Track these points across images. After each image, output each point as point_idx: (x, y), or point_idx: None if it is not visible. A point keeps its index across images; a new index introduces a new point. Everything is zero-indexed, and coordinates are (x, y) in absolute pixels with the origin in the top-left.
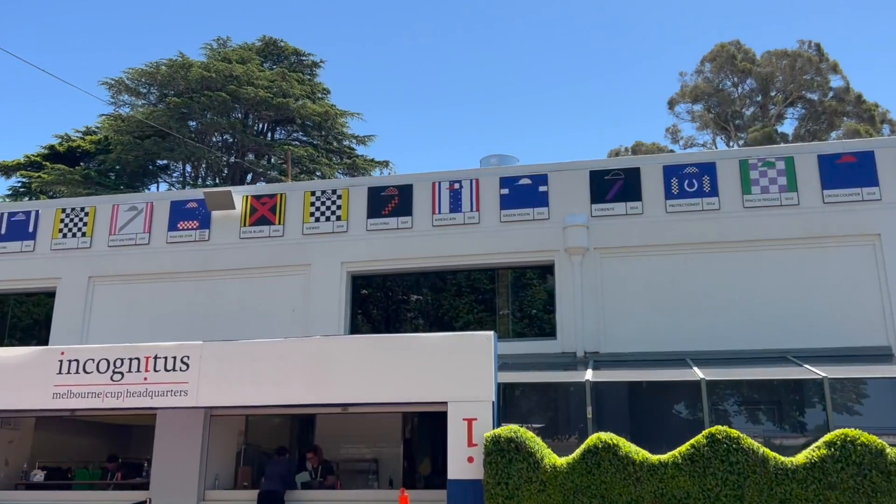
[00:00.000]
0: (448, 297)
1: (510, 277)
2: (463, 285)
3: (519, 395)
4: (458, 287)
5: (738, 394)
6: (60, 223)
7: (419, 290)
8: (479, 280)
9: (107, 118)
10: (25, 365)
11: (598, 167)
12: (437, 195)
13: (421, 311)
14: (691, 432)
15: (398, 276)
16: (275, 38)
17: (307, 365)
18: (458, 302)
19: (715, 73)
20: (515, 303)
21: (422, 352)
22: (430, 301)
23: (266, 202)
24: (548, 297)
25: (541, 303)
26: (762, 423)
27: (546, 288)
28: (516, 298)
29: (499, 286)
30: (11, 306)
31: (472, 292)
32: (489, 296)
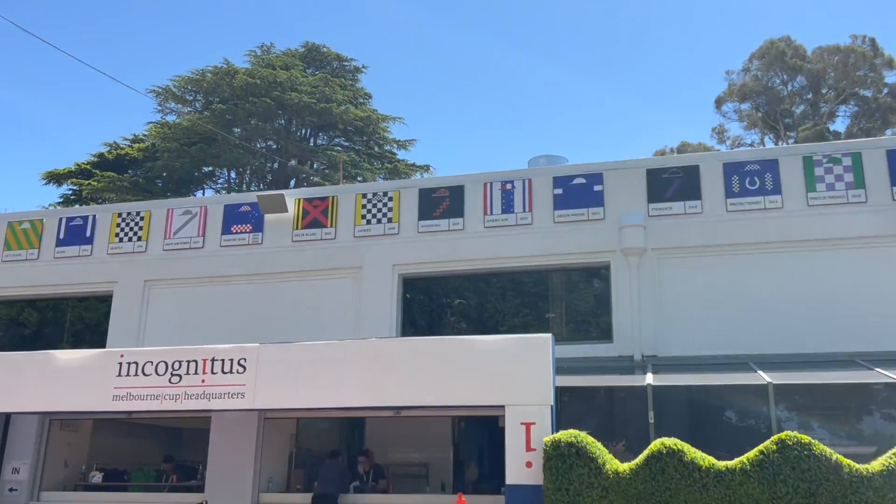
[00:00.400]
0: (494, 299)
1: (563, 279)
2: (508, 288)
3: (576, 400)
4: (504, 289)
5: (806, 398)
6: (117, 227)
7: (468, 293)
8: (524, 283)
9: (154, 126)
10: (85, 367)
11: (655, 165)
12: (488, 196)
13: (467, 313)
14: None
15: (449, 278)
16: (317, 43)
17: (363, 367)
18: (504, 305)
19: (763, 70)
20: (568, 305)
21: (478, 355)
22: (477, 304)
23: (318, 205)
24: (599, 299)
25: (591, 305)
26: (831, 428)
27: (600, 290)
28: (569, 301)
29: (552, 288)
30: (69, 310)
31: (519, 295)
32: (536, 298)
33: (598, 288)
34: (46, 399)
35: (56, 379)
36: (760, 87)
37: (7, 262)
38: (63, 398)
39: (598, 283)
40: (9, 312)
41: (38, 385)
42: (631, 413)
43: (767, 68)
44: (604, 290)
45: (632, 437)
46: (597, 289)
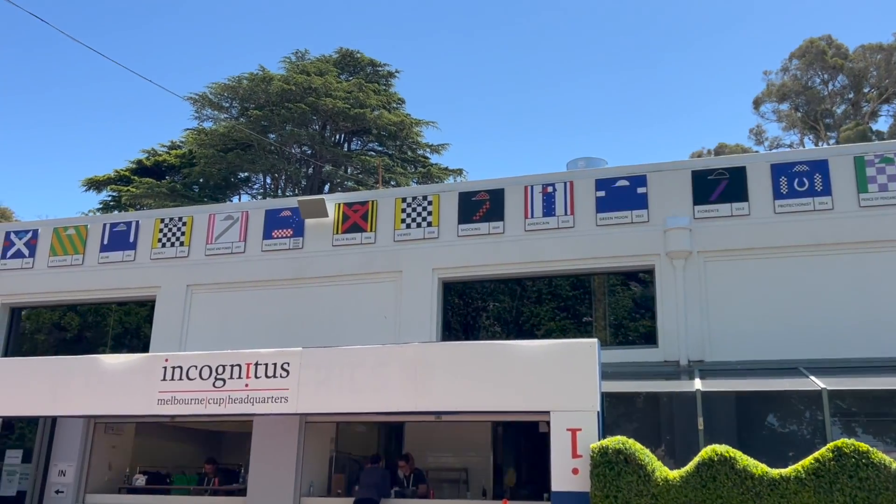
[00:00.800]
0: (533, 303)
1: (605, 283)
2: (548, 292)
3: (621, 405)
4: (544, 293)
5: (861, 405)
6: (159, 233)
7: (508, 297)
8: (565, 287)
9: (191, 132)
10: (131, 372)
11: (700, 167)
12: (529, 199)
13: (507, 317)
14: (806, 445)
15: (489, 282)
16: (351, 49)
17: (405, 372)
18: (544, 309)
19: (803, 70)
20: (612, 309)
21: (523, 360)
22: (517, 308)
23: (358, 209)
24: (643, 303)
25: (635, 309)
26: (888, 436)
27: (644, 294)
28: (613, 305)
29: (594, 292)
30: (110, 314)
31: (560, 299)
32: (577, 302)
33: (642, 292)
34: (92, 402)
35: (102, 383)
36: (800, 87)
37: (53, 268)
38: (109, 402)
39: (642, 287)
40: (51, 317)
41: (84, 389)
42: (678, 419)
43: (807, 68)
44: (648, 293)
45: (679, 443)
46: (641, 292)
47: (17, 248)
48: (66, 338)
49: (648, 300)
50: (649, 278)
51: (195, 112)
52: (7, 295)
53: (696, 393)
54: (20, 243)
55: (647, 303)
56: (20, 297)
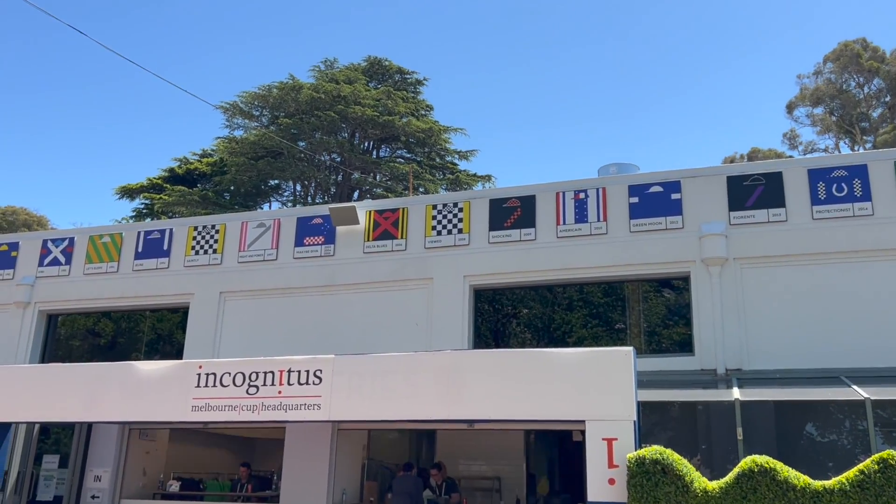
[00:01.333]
0: (566, 311)
1: (639, 290)
2: (580, 299)
3: (657, 414)
4: (577, 301)
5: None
6: (193, 240)
7: (539, 304)
8: (598, 294)
9: (222, 140)
10: (165, 378)
11: (735, 172)
12: (561, 205)
13: (539, 325)
14: (849, 456)
15: (521, 289)
16: (379, 57)
17: (438, 379)
18: (577, 316)
19: (838, 73)
20: (646, 317)
21: (557, 368)
22: (549, 315)
23: (389, 216)
24: (679, 310)
25: (670, 316)
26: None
27: (679, 301)
28: (647, 312)
29: (628, 299)
30: (143, 321)
31: (592, 306)
32: (610, 310)
33: (676, 299)
34: (127, 409)
35: (137, 389)
36: (835, 91)
37: (89, 275)
38: (144, 408)
39: (676, 294)
40: (86, 323)
41: (119, 395)
42: (716, 429)
43: (842, 71)
44: (683, 301)
45: (717, 453)
46: (676, 300)
47: (53, 256)
48: (101, 344)
49: (683, 308)
50: (684, 285)
51: (226, 120)
52: (44, 302)
53: (734, 402)
54: (57, 251)
55: (682, 310)
56: (57, 303)
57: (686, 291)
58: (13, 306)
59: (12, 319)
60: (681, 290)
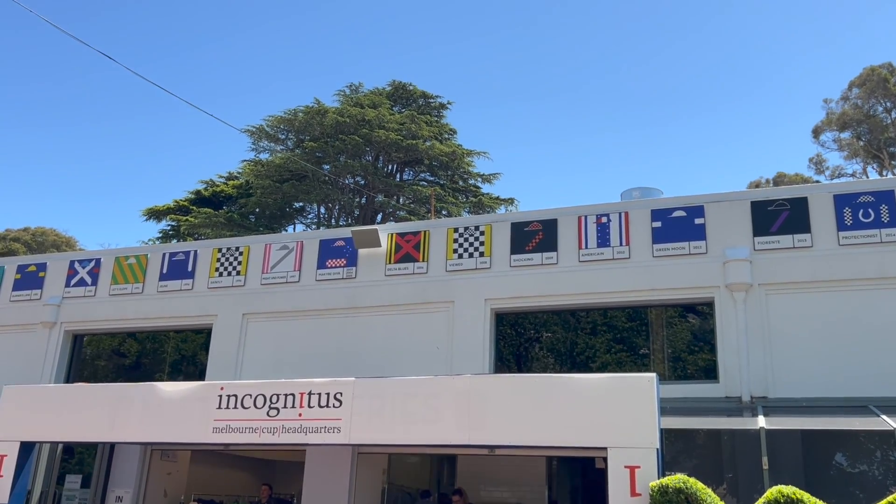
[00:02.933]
0: (587, 336)
1: (662, 316)
2: (602, 324)
3: (680, 442)
4: (598, 326)
5: None
6: (217, 262)
7: (561, 329)
8: (620, 319)
9: (248, 164)
10: (187, 399)
11: (759, 197)
12: (583, 229)
13: (560, 350)
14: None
15: (542, 314)
16: (403, 82)
17: (458, 404)
18: (598, 341)
19: (864, 98)
20: (669, 343)
21: (579, 394)
22: (571, 340)
23: (410, 239)
24: (702, 336)
25: (694, 342)
26: None
27: (702, 327)
28: (670, 338)
29: (650, 325)
30: (167, 342)
31: (614, 331)
32: (632, 335)
33: (700, 325)
34: (149, 430)
35: (159, 410)
36: (862, 116)
37: (114, 296)
38: (166, 429)
39: (700, 320)
40: (111, 343)
41: (141, 416)
42: (741, 457)
43: (868, 96)
44: (707, 327)
45: (742, 483)
46: (700, 326)
47: (80, 277)
48: (125, 364)
49: (708, 334)
50: (708, 311)
51: (252, 144)
52: (71, 322)
53: (760, 430)
54: (83, 272)
55: (706, 336)
56: (83, 324)
57: (710, 317)
58: (39, 326)
59: (38, 339)
60: (705, 315)
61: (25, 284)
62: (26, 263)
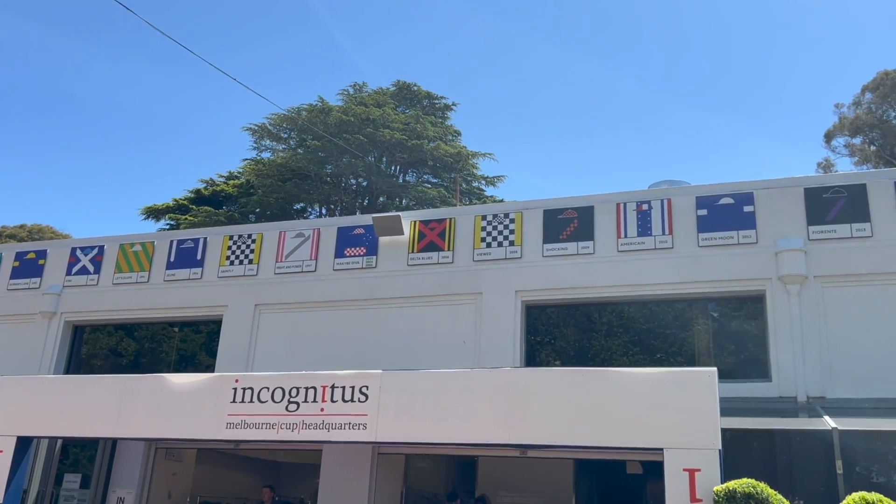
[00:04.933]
0: (626, 331)
1: (708, 310)
2: (642, 318)
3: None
4: (638, 320)
5: None
6: (228, 250)
7: (597, 323)
8: (662, 313)
9: (249, 163)
10: (198, 392)
11: (814, 184)
12: (622, 217)
13: (596, 345)
14: None
15: (578, 307)
16: (408, 82)
17: (496, 399)
18: (639, 337)
19: (878, 103)
20: (715, 339)
21: (631, 389)
22: (608, 335)
23: (435, 227)
24: (753, 332)
25: (743, 339)
26: None
27: (753, 322)
28: (717, 334)
29: (694, 319)
30: (165, 341)
31: (656, 326)
32: (676, 330)
33: (751, 319)
34: (157, 425)
35: (168, 404)
36: (875, 121)
37: (118, 285)
38: (175, 424)
39: (750, 315)
40: (108, 342)
41: (148, 410)
42: (807, 461)
43: (882, 100)
44: (758, 322)
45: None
46: (750, 320)
47: (82, 265)
48: (122, 364)
49: (758, 329)
50: (759, 305)
51: (254, 143)
52: (71, 312)
53: (832, 431)
54: (85, 260)
55: (756, 332)
56: (84, 314)
57: (761, 312)
58: (38, 316)
59: (37, 330)
60: (755, 310)
61: (24, 272)
62: (25, 250)
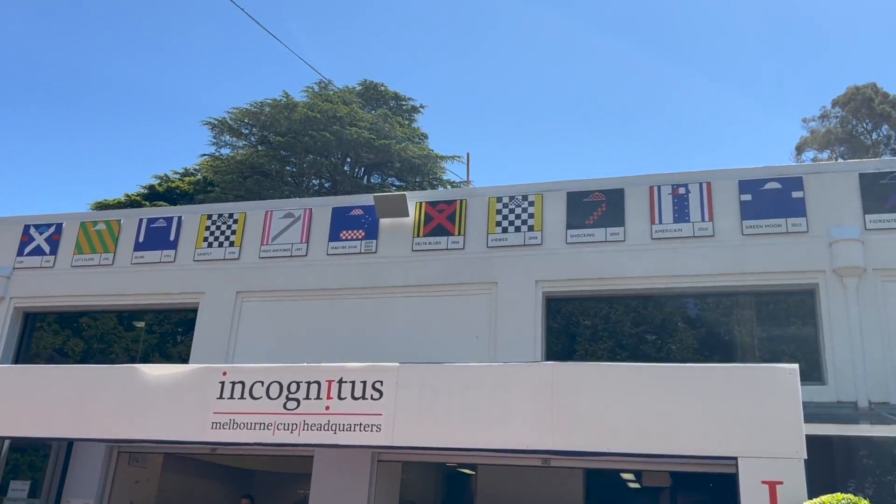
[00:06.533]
0: (657, 325)
1: (753, 304)
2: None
3: None
4: (675, 314)
5: None
6: (206, 231)
7: (628, 317)
8: (700, 307)
9: (207, 159)
10: (178, 386)
11: (870, 169)
12: (656, 201)
13: (629, 343)
14: None
15: (606, 299)
16: (375, 82)
17: (537, 399)
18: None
19: (847, 117)
20: (761, 336)
21: (699, 388)
22: (640, 331)
23: (443, 209)
24: (804, 329)
25: (793, 337)
26: None
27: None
28: (763, 331)
29: (737, 314)
30: (116, 342)
31: (695, 321)
32: (716, 326)
33: (801, 316)
34: (125, 425)
35: (139, 400)
36: (845, 135)
37: (78, 268)
38: (147, 425)
39: (801, 310)
40: (53, 341)
41: (117, 406)
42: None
43: (853, 115)
44: (809, 318)
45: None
46: (800, 317)
47: (36, 245)
48: (89, 347)
49: (810, 327)
50: (810, 300)
51: (213, 138)
52: (22, 298)
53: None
54: (40, 239)
55: (808, 330)
56: (38, 300)
57: (813, 307)
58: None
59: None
60: (806, 305)
61: None
62: None
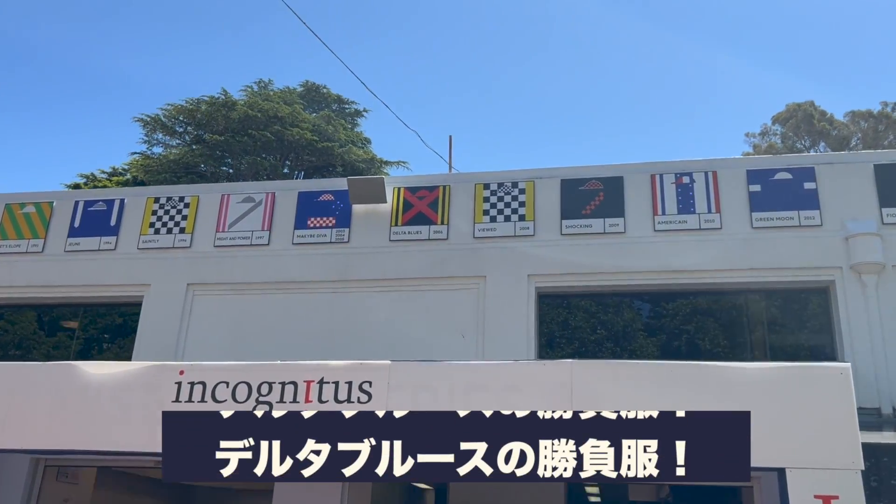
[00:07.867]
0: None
1: (763, 302)
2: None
3: None
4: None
5: None
6: (152, 216)
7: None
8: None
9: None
10: (124, 388)
11: (885, 160)
12: (657, 190)
13: (624, 342)
14: None
15: (604, 296)
16: (317, 83)
17: (556, 403)
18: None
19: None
20: (773, 337)
21: (738, 390)
22: (642, 329)
23: (424, 196)
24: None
25: (808, 338)
26: None
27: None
28: (774, 331)
29: (748, 313)
30: (36, 347)
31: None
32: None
33: (815, 315)
34: (58, 434)
35: (74, 404)
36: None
37: (3, 255)
38: (85, 433)
39: (815, 309)
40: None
41: (46, 411)
42: None
43: (795, 131)
44: (824, 317)
45: None
46: (813, 316)
47: None
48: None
49: (825, 327)
50: (825, 298)
51: (144, 136)
52: None
53: None
54: None
55: (823, 330)
56: None
57: (827, 306)
58: None
59: None
60: (820, 303)
61: None
62: None
